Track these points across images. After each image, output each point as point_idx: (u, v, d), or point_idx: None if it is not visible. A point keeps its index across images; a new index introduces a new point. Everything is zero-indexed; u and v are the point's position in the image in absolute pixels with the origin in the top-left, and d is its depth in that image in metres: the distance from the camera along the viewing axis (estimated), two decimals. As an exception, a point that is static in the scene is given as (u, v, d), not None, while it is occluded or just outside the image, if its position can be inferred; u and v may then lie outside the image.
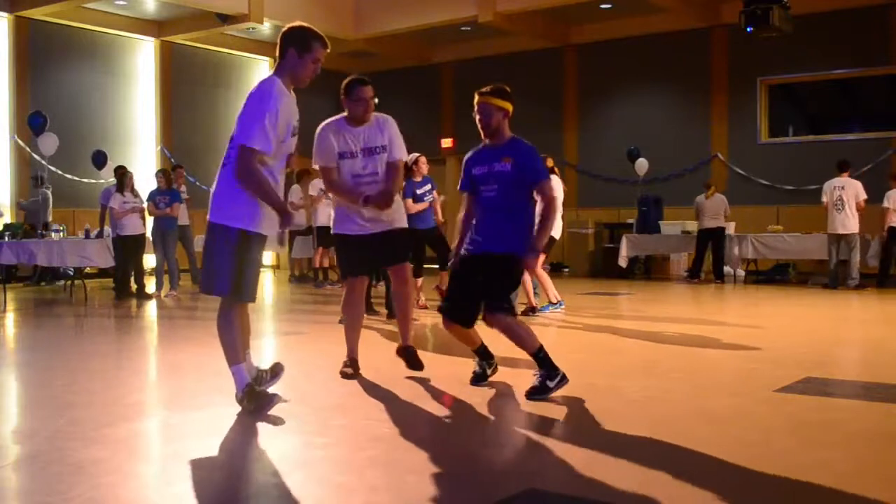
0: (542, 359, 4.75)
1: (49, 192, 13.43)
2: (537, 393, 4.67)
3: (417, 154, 8.94)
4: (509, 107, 4.89)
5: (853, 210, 11.65)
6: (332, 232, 5.46)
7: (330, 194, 5.58)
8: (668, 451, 3.66)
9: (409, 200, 8.66)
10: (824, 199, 11.91)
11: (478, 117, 4.88)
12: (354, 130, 5.17)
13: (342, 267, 5.57)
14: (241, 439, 3.93)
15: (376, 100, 5.22)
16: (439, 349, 6.79)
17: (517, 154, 4.83)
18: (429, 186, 9.03)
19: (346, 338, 5.47)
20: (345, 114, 5.22)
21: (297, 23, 4.36)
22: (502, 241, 4.79)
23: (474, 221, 4.97)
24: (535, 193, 4.90)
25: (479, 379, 5.09)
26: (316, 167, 5.26)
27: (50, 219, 13.34)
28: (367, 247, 5.28)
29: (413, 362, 5.42)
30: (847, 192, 11.69)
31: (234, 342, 4.28)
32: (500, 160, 4.83)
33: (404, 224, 5.46)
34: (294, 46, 4.25)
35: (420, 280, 9.22)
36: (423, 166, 9.00)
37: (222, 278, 4.22)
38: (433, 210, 9.17)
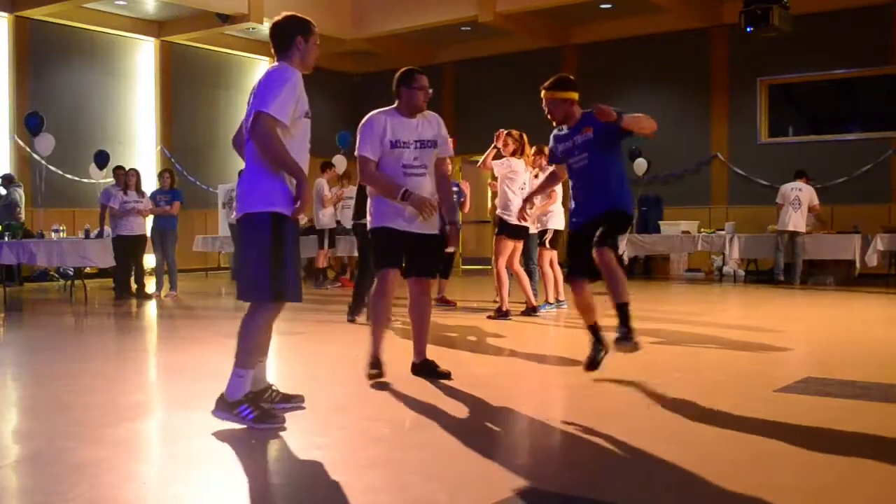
0: (626, 314, 5.07)
1: (19, 192, 13.28)
2: (624, 339, 5.04)
3: None
4: (574, 95, 5.24)
5: (805, 211, 12.64)
6: (372, 226, 5.16)
7: (368, 188, 5.31)
8: (669, 450, 3.66)
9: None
10: (780, 199, 12.74)
11: (546, 110, 5.28)
12: (408, 121, 5.06)
13: (378, 257, 5.19)
14: (242, 440, 3.92)
15: (430, 90, 5.17)
16: (440, 349, 6.80)
17: (594, 122, 5.12)
18: None
19: (372, 334, 5.10)
20: (395, 105, 5.11)
21: (286, 13, 4.34)
22: (603, 201, 5.13)
23: (573, 191, 5.28)
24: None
25: (593, 364, 5.15)
26: (358, 155, 5.02)
27: (23, 217, 13.05)
28: (407, 243, 5.09)
29: (437, 374, 5.18)
30: (803, 194, 12.66)
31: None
32: (581, 132, 5.18)
33: (436, 230, 5.21)
34: (300, 33, 4.25)
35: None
36: None
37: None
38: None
